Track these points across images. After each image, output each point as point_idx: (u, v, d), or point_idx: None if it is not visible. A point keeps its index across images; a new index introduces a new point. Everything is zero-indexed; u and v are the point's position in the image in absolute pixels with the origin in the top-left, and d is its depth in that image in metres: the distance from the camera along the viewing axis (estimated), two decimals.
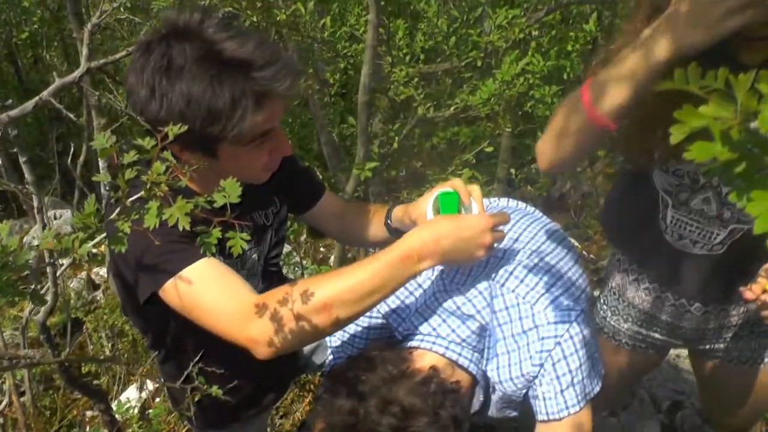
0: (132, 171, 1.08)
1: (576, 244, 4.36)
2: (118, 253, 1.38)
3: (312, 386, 3.26)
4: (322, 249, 4.60)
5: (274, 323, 1.35)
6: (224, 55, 1.36)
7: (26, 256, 0.95)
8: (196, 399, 1.81)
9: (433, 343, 1.52)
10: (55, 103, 1.50)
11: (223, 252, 1.64)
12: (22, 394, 3.09)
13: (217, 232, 1.11)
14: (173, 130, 1.11)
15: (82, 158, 4.29)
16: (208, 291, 1.42)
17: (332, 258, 3.76)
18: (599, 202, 4.36)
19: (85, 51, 1.70)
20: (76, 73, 1.63)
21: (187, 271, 1.42)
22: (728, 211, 1.71)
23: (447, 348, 1.51)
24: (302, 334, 1.37)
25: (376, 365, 1.41)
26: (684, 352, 3.25)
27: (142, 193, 1.07)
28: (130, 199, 1.08)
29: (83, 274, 4.26)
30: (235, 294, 1.42)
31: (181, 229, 1.03)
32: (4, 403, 2.44)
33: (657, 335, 2.11)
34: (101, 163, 2.82)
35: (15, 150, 2.52)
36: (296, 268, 3.95)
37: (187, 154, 1.46)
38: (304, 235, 4.36)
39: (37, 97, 1.56)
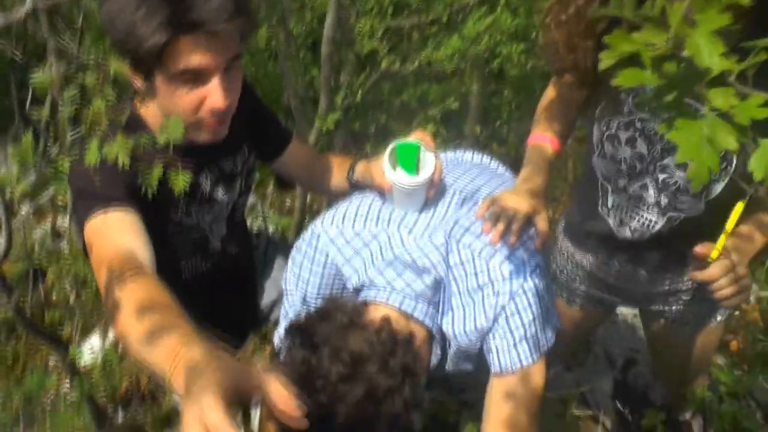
0: (71, 108, 1.07)
1: None
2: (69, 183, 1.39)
3: (271, 336, 3.26)
4: (287, 201, 4.58)
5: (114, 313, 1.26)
6: None
7: None
8: None
9: (388, 297, 1.52)
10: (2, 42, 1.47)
11: (191, 194, 1.64)
12: None
13: (159, 168, 1.10)
14: None
15: (46, 110, 4.20)
16: (98, 246, 1.41)
17: (296, 202, 3.74)
18: (567, 164, 4.38)
19: None
20: (22, 11, 1.58)
21: (94, 220, 1.43)
22: (665, 198, 1.72)
23: (402, 302, 1.51)
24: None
25: (330, 317, 1.42)
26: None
27: (81, 129, 1.06)
28: (71, 135, 1.07)
29: (47, 224, 4.22)
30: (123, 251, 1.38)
31: (120, 165, 1.03)
32: None
33: (605, 295, 2.14)
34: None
35: None
36: (260, 218, 3.94)
37: (137, 82, 1.47)
38: (270, 187, 4.35)
39: None
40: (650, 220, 1.79)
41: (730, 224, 1.50)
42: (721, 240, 1.50)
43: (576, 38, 1.60)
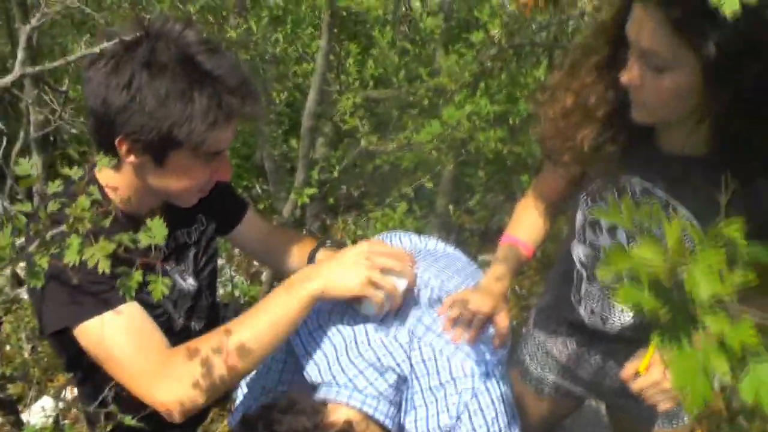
0: (55, 203, 1.06)
1: None
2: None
3: (231, 405, 3.20)
4: (255, 263, 4.54)
5: (182, 386, 1.37)
6: (202, 66, 1.39)
7: None
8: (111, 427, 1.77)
9: (350, 396, 1.50)
10: None
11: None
12: None
13: (138, 275, 1.09)
14: None
15: (18, 145, 4.14)
16: (122, 343, 1.42)
17: (264, 273, 3.71)
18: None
19: (20, 55, 1.64)
20: (8, 78, 1.57)
21: (107, 316, 1.42)
22: None
23: (363, 402, 1.49)
24: (213, 390, 1.39)
25: (290, 417, 1.40)
26: None
27: (63, 227, 1.04)
28: (51, 232, 1.05)
29: (7, 270, 4.12)
30: (149, 351, 1.42)
31: (100, 272, 1.01)
32: None
33: (574, 387, 2.14)
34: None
35: None
36: (228, 283, 3.90)
37: (133, 157, 1.45)
38: (237, 249, 4.31)
39: None
40: (621, 311, 1.79)
41: (651, 347, 1.53)
42: (647, 357, 1.53)
43: (569, 130, 1.63)
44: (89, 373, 1.76)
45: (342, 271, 1.49)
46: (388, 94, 3.41)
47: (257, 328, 1.43)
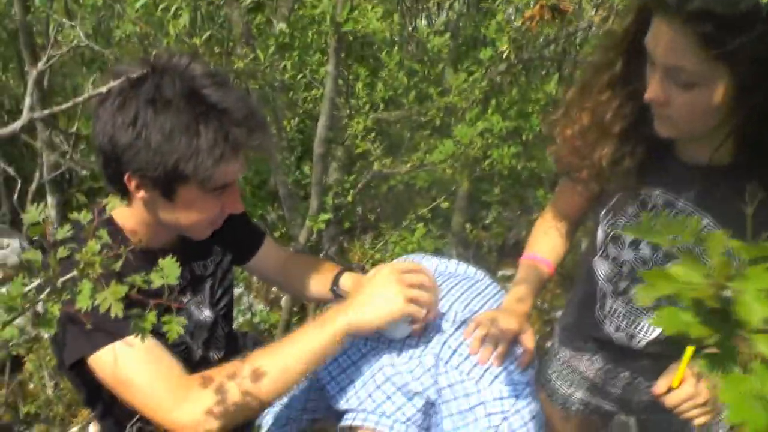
0: (65, 249, 1.05)
1: None
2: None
3: None
4: (273, 289, 4.53)
5: (203, 410, 1.35)
6: (208, 99, 1.38)
7: None
8: None
9: (377, 422, 1.48)
10: None
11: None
12: None
13: (152, 317, 1.07)
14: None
15: (33, 186, 4.16)
16: (138, 369, 1.40)
17: (283, 299, 3.70)
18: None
19: (27, 100, 1.64)
20: (17, 124, 1.56)
21: (119, 345, 1.40)
22: None
23: (391, 429, 1.48)
24: (233, 416, 1.37)
25: None
26: None
27: (74, 272, 1.03)
28: (62, 279, 1.03)
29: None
30: (166, 376, 1.41)
31: (113, 316, 1.00)
32: None
33: (603, 403, 2.10)
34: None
35: None
36: (247, 311, 3.89)
37: (143, 192, 1.45)
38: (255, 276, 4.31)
39: None
40: (648, 326, 1.76)
41: (684, 361, 1.50)
42: (680, 371, 1.51)
43: (586, 149, 1.61)
44: (108, 408, 1.75)
45: (379, 303, 1.47)
46: (398, 116, 3.40)
47: (286, 360, 1.41)
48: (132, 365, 1.40)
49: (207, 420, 1.34)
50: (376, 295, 1.47)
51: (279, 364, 1.40)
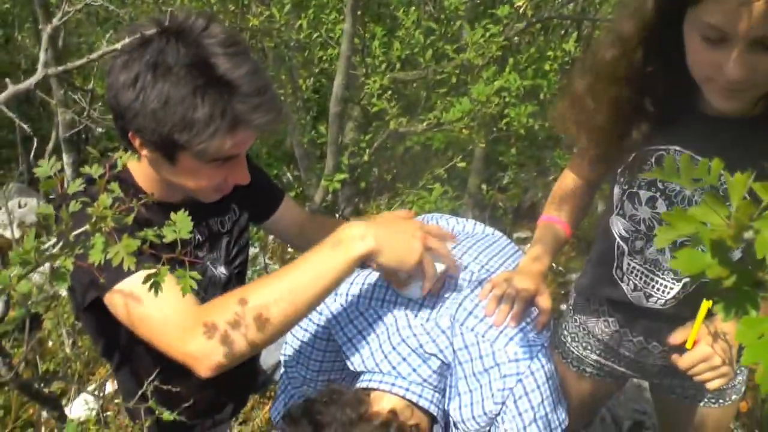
0: (77, 203, 1.04)
1: None
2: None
3: (272, 392, 3.22)
4: (289, 250, 4.55)
5: (212, 338, 1.32)
6: (215, 70, 1.33)
7: None
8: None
9: (393, 384, 1.48)
10: (6, 111, 1.43)
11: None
12: None
13: (165, 271, 1.07)
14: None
15: (50, 145, 4.17)
16: (152, 303, 1.36)
17: None
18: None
19: (42, 56, 1.62)
20: (32, 80, 1.55)
21: (131, 280, 1.39)
22: None
23: (407, 390, 1.47)
24: (243, 345, 1.34)
25: (334, 408, 1.38)
26: None
27: (87, 227, 1.02)
28: (74, 233, 1.03)
29: (45, 266, 4.15)
30: (178, 306, 1.37)
31: (126, 269, 0.99)
32: None
33: (617, 366, 2.10)
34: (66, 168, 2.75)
35: None
36: (263, 271, 3.90)
37: (147, 151, 1.43)
38: (272, 236, 4.31)
39: None
40: (665, 286, 1.74)
41: (699, 319, 1.48)
42: (694, 330, 1.50)
43: (597, 131, 1.59)
44: (125, 357, 1.76)
45: (399, 240, 1.43)
46: (415, 75, 3.36)
47: (297, 282, 1.37)
48: (146, 300, 1.38)
49: (219, 350, 1.32)
50: (398, 236, 1.44)
51: (291, 286, 1.36)
